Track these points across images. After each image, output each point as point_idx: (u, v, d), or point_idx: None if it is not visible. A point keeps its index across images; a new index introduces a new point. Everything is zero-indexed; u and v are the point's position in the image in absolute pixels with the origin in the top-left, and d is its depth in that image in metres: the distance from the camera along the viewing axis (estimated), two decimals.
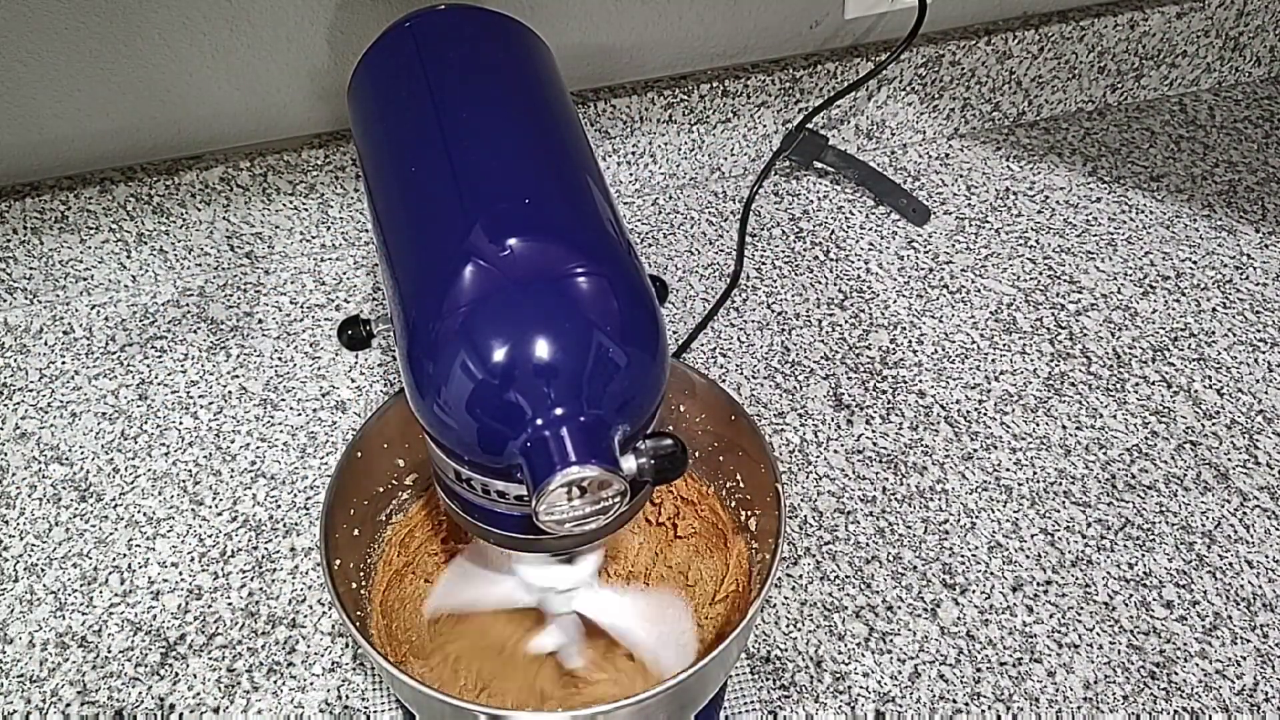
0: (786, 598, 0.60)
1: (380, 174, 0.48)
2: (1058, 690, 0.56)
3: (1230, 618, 0.59)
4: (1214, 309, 0.77)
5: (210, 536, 0.64)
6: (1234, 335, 0.75)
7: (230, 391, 0.74)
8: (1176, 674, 0.56)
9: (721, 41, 0.84)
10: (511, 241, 0.39)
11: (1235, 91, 0.98)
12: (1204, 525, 0.63)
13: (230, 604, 0.61)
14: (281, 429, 0.71)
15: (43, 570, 0.63)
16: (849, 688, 0.56)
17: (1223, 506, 0.64)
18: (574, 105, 0.52)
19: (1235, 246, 0.82)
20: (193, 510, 0.66)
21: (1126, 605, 0.59)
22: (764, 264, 0.82)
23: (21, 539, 0.65)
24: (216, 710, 0.56)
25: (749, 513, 0.54)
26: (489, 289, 0.38)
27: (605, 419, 0.38)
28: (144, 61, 0.72)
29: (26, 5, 0.67)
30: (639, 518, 0.58)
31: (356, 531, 0.56)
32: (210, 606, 0.61)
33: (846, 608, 0.60)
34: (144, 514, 0.66)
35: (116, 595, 0.62)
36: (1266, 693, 0.55)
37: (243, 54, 0.73)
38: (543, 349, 0.38)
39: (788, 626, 0.59)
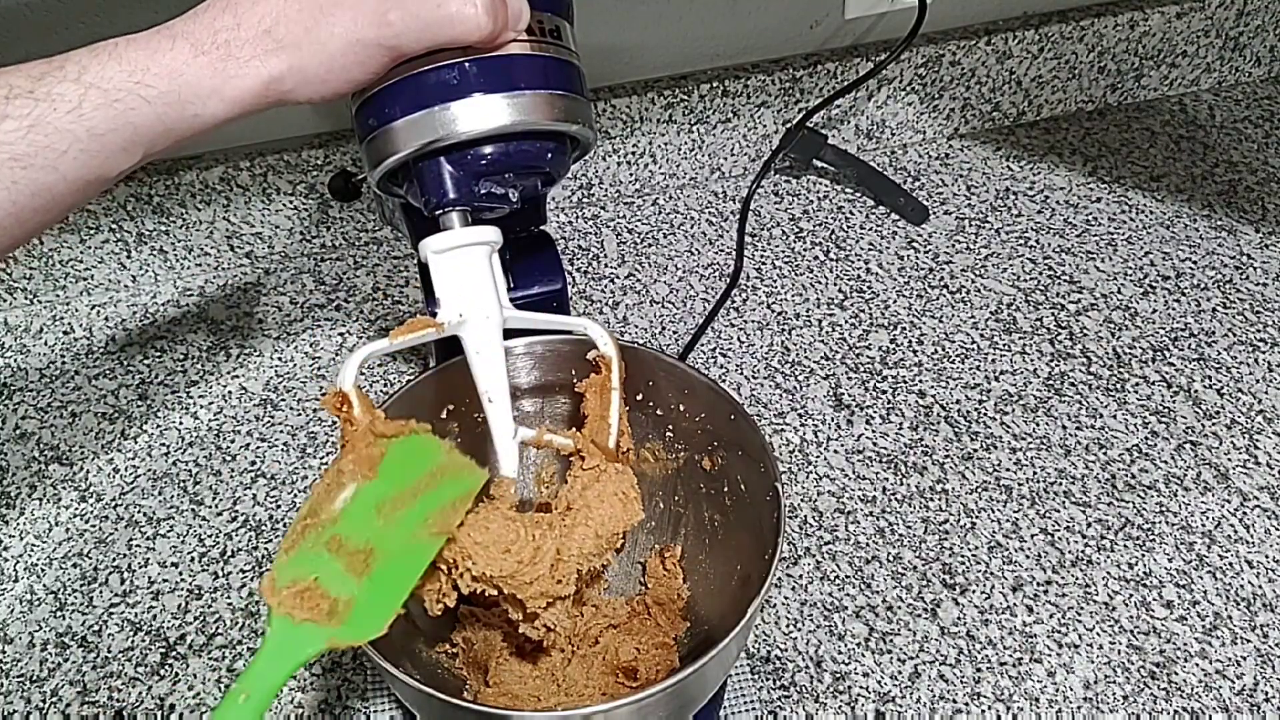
0: (786, 598, 0.60)
1: None
2: (1058, 690, 0.56)
3: (1230, 618, 0.59)
4: (1214, 309, 0.77)
5: (210, 536, 0.64)
6: (1234, 335, 0.75)
7: (230, 391, 0.74)
8: (1176, 674, 0.56)
9: (721, 41, 0.84)
10: None
11: (1235, 91, 0.98)
12: (1204, 525, 0.63)
13: (230, 604, 0.61)
14: (281, 429, 0.71)
15: (43, 570, 0.63)
16: (849, 688, 0.56)
17: (1223, 506, 0.64)
18: None
19: (1235, 246, 0.82)
20: (193, 510, 0.66)
21: (1126, 605, 0.59)
22: (764, 264, 0.82)
23: (21, 539, 0.65)
24: None
25: (748, 514, 0.54)
26: None
27: None
28: None
29: (26, 6, 0.67)
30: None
31: None
32: (210, 606, 0.61)
33: (846, 608, 0.60)
34: (144, 514, 0.66)
35: (116, 595, 0.62)
36: (1266, 693, 0.55)
37: None
38: None
39: (788, 626, 0.59)
